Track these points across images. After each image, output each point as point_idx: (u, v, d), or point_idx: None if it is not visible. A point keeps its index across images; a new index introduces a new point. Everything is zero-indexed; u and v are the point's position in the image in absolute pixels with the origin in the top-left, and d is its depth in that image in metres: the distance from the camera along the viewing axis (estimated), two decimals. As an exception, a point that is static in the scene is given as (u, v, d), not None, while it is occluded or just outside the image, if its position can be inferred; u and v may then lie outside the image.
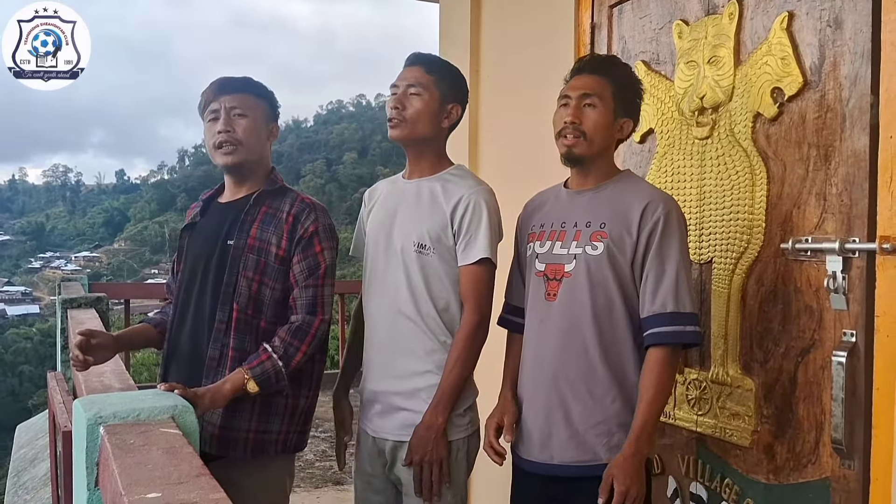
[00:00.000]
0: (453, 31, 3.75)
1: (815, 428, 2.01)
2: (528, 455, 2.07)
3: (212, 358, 2.16)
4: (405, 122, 2.20)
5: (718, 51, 2.29)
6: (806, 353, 2.03)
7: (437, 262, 2.17)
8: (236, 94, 2.23)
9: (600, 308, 1.96)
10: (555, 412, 2.00)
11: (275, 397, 2.17)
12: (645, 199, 1.96)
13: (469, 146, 3.53)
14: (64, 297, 4.64)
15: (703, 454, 2.34)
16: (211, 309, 2.19)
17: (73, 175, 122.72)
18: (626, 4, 2.69)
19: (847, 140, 1.93)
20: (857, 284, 1.90)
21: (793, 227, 2.07)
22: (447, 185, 2.22)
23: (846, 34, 1.94)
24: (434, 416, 2.12)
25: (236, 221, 2.22)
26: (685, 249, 1.97)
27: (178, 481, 1.12)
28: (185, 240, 2.36)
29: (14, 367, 45.18)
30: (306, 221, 2.19)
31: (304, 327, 2.14)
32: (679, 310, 1.90)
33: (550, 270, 2.04)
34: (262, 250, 2.18)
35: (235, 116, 2.21)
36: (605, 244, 1.96)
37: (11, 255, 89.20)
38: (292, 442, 2.25)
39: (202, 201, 2.39)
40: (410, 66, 2.26)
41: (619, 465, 1.86)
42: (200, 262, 2.25)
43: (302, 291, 2.17)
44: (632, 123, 2.06)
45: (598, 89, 2.01)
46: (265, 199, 2.24)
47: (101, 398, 1.52)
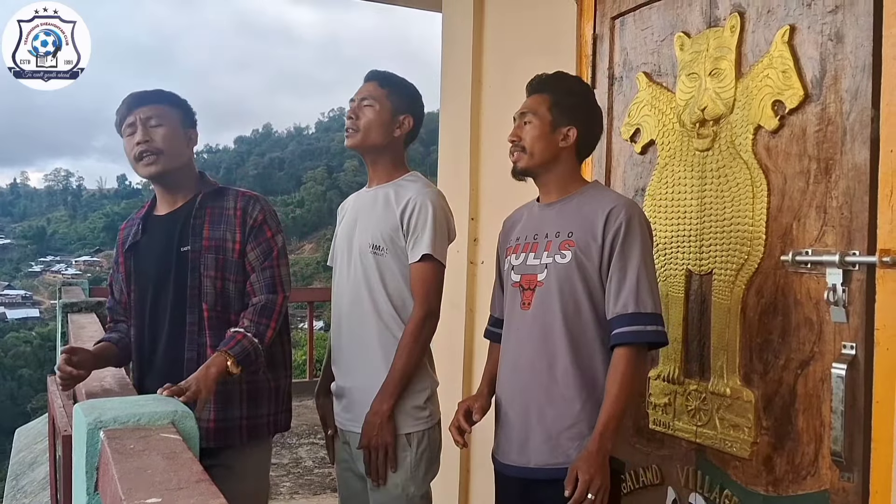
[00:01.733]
0: (456, 41, 3.76)
1: (815, 440, 2.01)
2: (507, 459, 2.13)
3: (189, 360, 2.23)
4: (359, 131, 2.37)
5: (720, 63, 2.30)
6: (806, 365, 2.03)
7: (391, 262, 2.32)
8: (150, 106, 2.30)
9: (570, 314, 2.03)
10: (531, 417, 2.07)
11: (259, 383, 2.29)
12: (608, 206, 2.04)
13: (470, 155, 3.54)
14: (65, 302, 4.65)
15: (703, 465, 2.33)
16: (179, 314, 2.26)
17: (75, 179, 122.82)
18: (629, 16, 2.70)
19: (848, 153, 1.94)
20: (857, 297, 1.90)
21: (793, 239, 2.07)
22: (399, 190, 2.37)
23: (847, 48, 1.95)
24: (380, 403, 2.24)
25: (186, 227, 2.29)
26: (648, 252, 2.02)
27: (177, 487, 1.12)
28: (130, 261, 2.40)
29: (13, 370, 45.12)
30: (254, 212, 2.31)
31: (269, 305, 2.25)
32: (640, 310, 1.96)
33: (525, 281, 2.12)
34: (219, 248, 2.27)
35: (152, 127, 2.27)
36: (573, 252, 2.04)
37: (12, 258, 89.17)
38: (281, 421, 2.40)
39: (139, 219, 2.43)
40: (367, 81, 2.45)
41: (584, 458, 1.92)
42: (156, 276, 2.31)
43: (259, 274, 2.28)
44: (576, 129, 2.12)
45: (535, 106, 2.14)
46: (208, 200, 2.33)
47: (102, 403, 1.52)
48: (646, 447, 2.53)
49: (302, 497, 4.52)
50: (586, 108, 2.19)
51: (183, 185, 2.35)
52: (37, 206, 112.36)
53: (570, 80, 2.24)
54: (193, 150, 2.39)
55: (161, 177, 2.31)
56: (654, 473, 2.49)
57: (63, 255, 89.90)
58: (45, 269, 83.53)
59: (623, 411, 1.96)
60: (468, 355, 3.44)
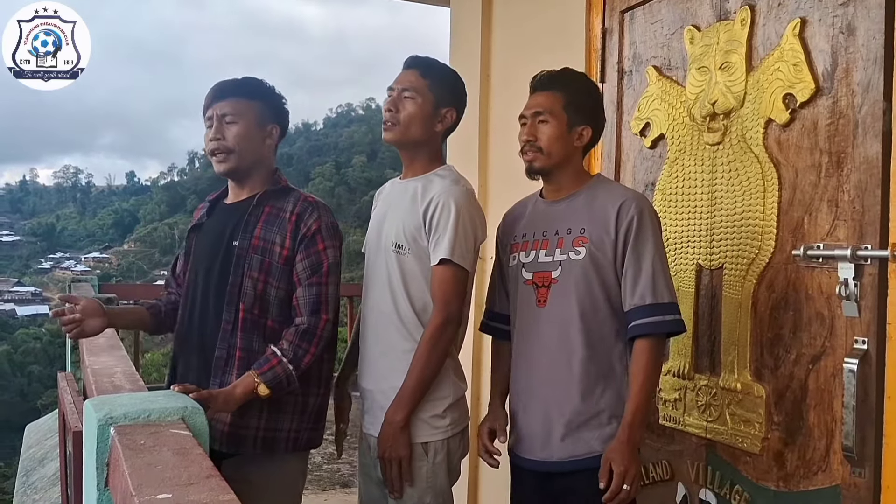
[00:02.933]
0: (464, 36, 3.75)
1: (826, 435, 2.00)
2: (530, 454, 2.13)
3: (219, 358, 2.17)
4: (398, 125, 2.23)
5: (730, 57, 2.28)
6: (817, 360, 2.02)
7: (413, 263, 2.19)
8: (228, 100, 2.25)
9: (586, 309, 2.05)
10: (551, 412, 2.08)
11: (285, 396, 2.17)
12: (619, 200, 2.05)
13: (479, 150, 3.53)
14: (74, 298, 4.65)
15: (713, 461, 2.33)
16: (217, 309, 2.21)
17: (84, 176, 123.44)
18: (638, 10, 2.69)
19: (859, 147, 1.93)
20: (869, 292, 1.89)
21: (804, 233, 2.06)
22: (427, 185, 2.23)
23: (859, 41, 1.94)
24: (393, 414, 2.13)
25: (240, 222, 2.23)
26: (660, 244, 2.05)
27: (188, 482, 1.12)
28: (191, 240, 2.39)
29: (23, 367, 45.37)
30: (309, 220, 2.20)
31: (310, 329, 2.15)
32: (658, 300, 1.99)
33: (538, 278, 2.13)
34: (266, 250, 2.19)
35: (226, 123, 2.23)
36: (587, 248, 2.05)
37: (22, 255, 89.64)
38: (303, 439, 2.25)
39: (209, 202, 2.42)
40: (407, 69, 2.29)
41: (616, 449, 1.95)
42: (205, 263, 2.28)
43: (305, 290, 2.17)
44: (591, 129, 2.13)
45: (549, 105, 2.11)
46: (268, 199, 2.26)
47: (112, 399, 1.53)
48: (656, 443, 2.52)
49: (311, 493, 4.53)
50: (598, 106, 2.21)
51: (253, 179, 2.29)
52: (46, 203, 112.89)
53: (581, 78, 2.24)
54: (273, 145, 2.33)
55: (231, 174, 2.28)
56: (665, 469, 2.49)
57: (72, 251, 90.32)
58: (55, 265, 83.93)
59: (649, 400, 2.01)
60: (477, 351, 3.43)
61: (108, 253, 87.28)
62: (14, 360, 45.78)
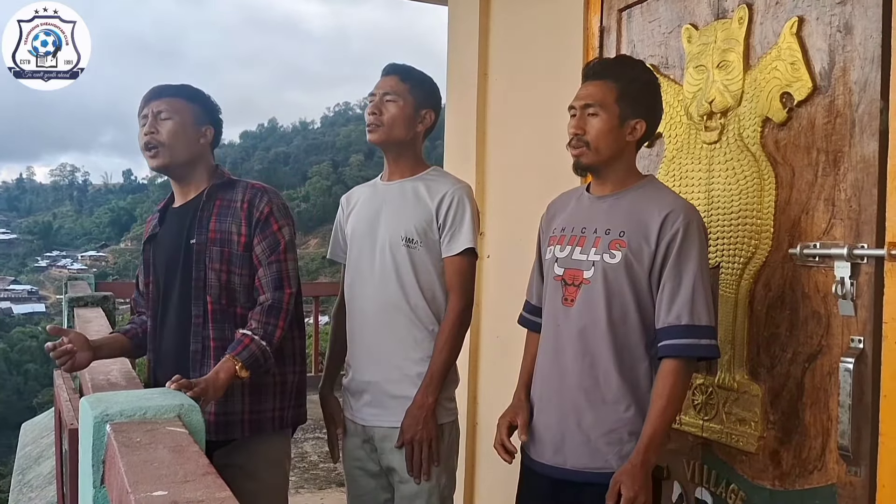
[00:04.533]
0: (462, 35, 3.74)
1: (822, 434, 2.00)
2: (541, 458, 2.08)
3: (194, 351, 2.24)
4: (382, 126, 2.36)
5: (728, 55, 2.28)
6: (813, 359, 2.02)
7: (424, 255, 2.33)
8: (164, 99, 2.32)
9: (615, 316, 1.97)
10: (568, 417, 2.02)
11: (263, 377, 2.25)
12: (665, 209, 1.95)
13: (476, 149, 3.53)
14: (71, 296, 4.66)
15: (709, 460, 2.33)
16: (185, 307, 2.26)
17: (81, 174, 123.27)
18: (636, 8, 2.69)
19: (856, 145, 1.93)
20: (866, 291, 1.89)
21: (801, 232, 2.06)
22: (430, 184, 2.39)
23: (856, 39, 1.94)
24: (425, 397, 2.26)
25: (194, 220, 2.29)
26: (704, 261, 1.96)
27: (184, 479, 1.12)
28: (148, 252, 2.42)
29: (19, 365, 45.30)
30: (260, 204, 2.28)
31: (275, 304, 2.22)
32: (694, 322, 1.89)
33: (569, 275, 2.05)
34: (224, 241, 2.26)
35: (161, 120, 2.29)
36: (624, 253, 1.96)
37: (18, 253, 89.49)
38: (288, 417, 2.36)
39: (158, 212, 2.46)
40: (387, 75, 2.43)
41: (627, 472, 1.86)
42: (168, 269, 2.33)
43: (266, 269, 2.26)
44: (645, 123, 2.03)
45: (600, 97, 2.00)
46: (217, 192, 2.33)
47: (108, 396, 1.53)
48: (652, 441, 2.51)
49: (307, 492, 4.53)
50: (655, 98, 2.09)
51: (193, 178, 2.35)
52: (43, 201, 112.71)
53: (637, 67, 2.12)
54: (208, 145, 2.37)
55: (165, 169, 2.33)
56: (665, 470, 2.48)
57: (69, 249, 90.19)
58: (51, 263, 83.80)
59: (669, 425, 1.93)
60: (474, 349, 3.43)
61: (105, 251, 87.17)
62: (10, 359, 45.72)
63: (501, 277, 2.46)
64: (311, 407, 2.49)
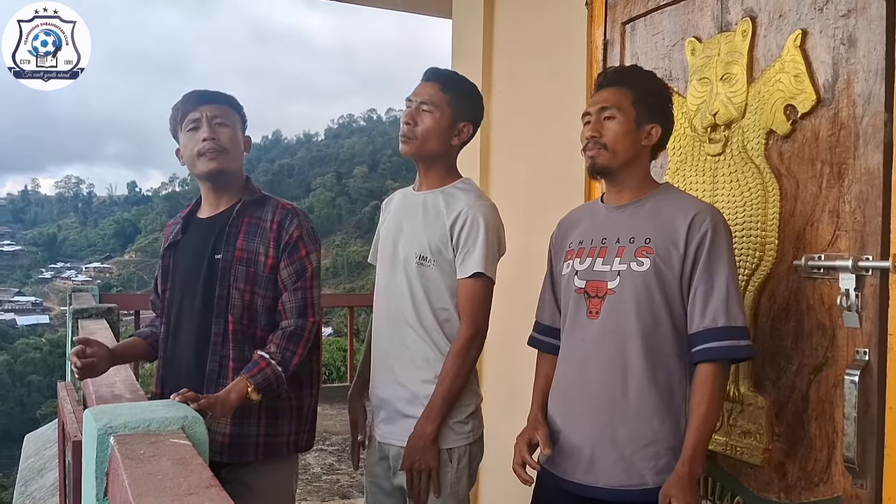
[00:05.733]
0: (466, 48, 3.76)
1: (828, 446, 1.99)
2: (571, 476, 2.01)
3: (211, 371, 2.20)
4: (415, 138, 2.25)
5: (731, 68, 2.29)
6: (818, 371, 2.02)
7: (437, 274, 2.23)
8: (216, 105, 2.28)
9: (647, 326, 1.93)
10: (601, 434, 1.96)
11: (280, 401, 2.22)
12: (691, 212, 1.94)
13: (480, 161, 3.54)
14: (75, 308, 4.66)
15: (714, 472, 2.32)
16: (205, 323, 2.22)
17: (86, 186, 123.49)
18: (639, 21, 2.70)
19: (860, 158, 1.93)
20: (871, 302, 1.89)
21: (806, 244, 2.06)
22: (449, 199, 2.27)
23: (860, 52, 1.94)
24: (423, 426, 2.17)
25: (221, 235, 2.25)
26: (733, 262, 1.94)
27: (187, 492, 1.11)
28: (168, 259, 2.38)
29: (23, 377, 45.30)
30: (290, 227, 2.24)
31: (297, 331, 2.19)
32: (731, 324, 1.87)
33: (591, 288, 2.01)
34: (250, 261, 2.22)
35: (217, 125, 2.25)
36: (652, 259, 1.93)
37: (23, 265, 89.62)
38: (302, 441, 2.33)
39: (181, 219, 2.42)
40: (426, 81, 2.31)
41: (676, 484, 1.82)
42: (189, 279, 2.29)
43: (291, 295, 2.22)
44: (660, 128, 2.03)
45: (616, 100, 2.01)
46: (247, 209, 2.28)
47: (112, 408, 1.52)
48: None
49: (310, 503, 4.52)
50: (667, 104, 2.09)
51: (230, 188, 2.31)
52: (47, 213, 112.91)
53: (649, 75, 2.13)
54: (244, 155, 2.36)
55: (219, 175, 2.27)
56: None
57: (73, 261, 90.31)
58: (56, 275, 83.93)
59: (712, 432, 1.90)
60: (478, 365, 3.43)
61: (109, 263, 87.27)
62: (14, 370, 45.71)
63: (505, 291, 2.45)
64: (328, 420, 2.47)
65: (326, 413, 6.02)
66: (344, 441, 5.33)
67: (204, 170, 2.25)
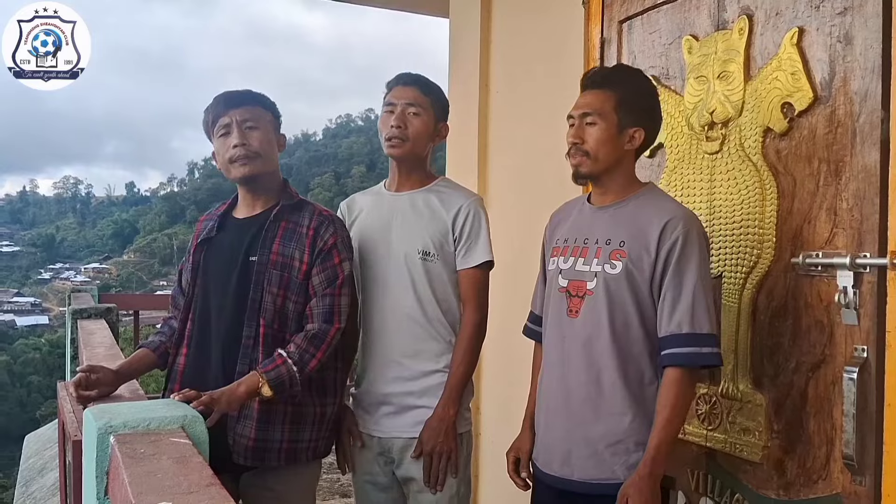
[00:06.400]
0: (463, 46, 3.76)
1: (826, 443, 2.00)
2: (550, 469, 2.09)
3: (240, 373, 2.14)
4: (407, 141, 2.31)
5: (728, 66, 2.29)
6: (817, 368, 2.02)
7: (440, 268, 2.32)
8: (246, 107, 2.24)
9: (618, 327, 1.97)
10: (575, 430, 2.02)
11: (305, 408, 2.21)
12: (665, 217, 1.95)
13: (478, 160, 3.54)
14: (74, 308, 4.65)
15: (713, 469, 2.32)
16: (234, 324, 2.19)
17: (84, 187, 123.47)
18: (636, 20, 2.70)
19: (858, 155, 1.93)
20: (869, 300, 1.89)
21: (803, 241, 2.06)
22: (443, 197, 2.37)
23: (857, 50, 1.94)
24: (446, 409, 2.26)
25: (257, 237, 2.22)
26: (705, 269, 1.95)
27: (188, 491, 1.12)
28: (200, 254, 2.33)
29: (23, 377, 45.30)
30: (325, 234, 2.22)
31: (320, 335, 2.17)
32: (695, 331, 1.89)
33: (573, 287, 2.05)
34: (285, 266, 2.19)
35: (248, 129, 2.22)
36: (624, 263, 1.96)
37: (21, 266, 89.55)
38: (322, 448, 2.32)
39: (217, 216, 2.37)
40: (406, 85, 2.37)
41: (635, 484, 1.86)
42: (220, 279, 2.25)
43: (319, 301, 2.20)
44: (643, 131, 2.03)
45: (598, 105, 2.01)
46: (284, 213, 2.26)
47: (112, 408, 1.53)
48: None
49: (311, 503, 4.52)
50: (653, 106, 2.10)
51: (267, 191, 2.29)
52: (46, 214, 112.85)
53: (635, 76, 2.13)
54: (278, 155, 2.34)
55: (252, 180, 2.25)
56: (665, 478, 2.48)
57: (72, 262, 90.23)
58: (55, 276, 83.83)
59: (675, 435, 1.92)
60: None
61: (108, 263, 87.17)
62: (13, 371, 45.70)
63: (504, 286, 2.46)
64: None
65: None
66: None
67: (237, 176, 2.24)
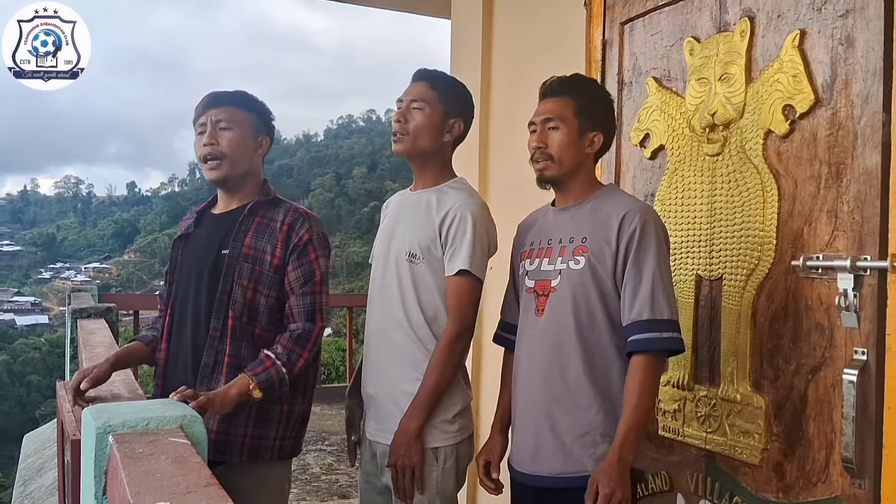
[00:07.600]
0: (465, 47, 3.76)
1: (826, 446, 1.99)
2: (521, 467, 2.11)
3: (206, 365, 2.18)
4: (407, 135, 2.27)
5: (730, 68, 2.29)
6: (817, 370, 2.02)
7: (426, 272, 2.23)
8: (223, 108, 2.27)
9: (583, 321, 2.00)
10: (542, 425, 2.04)
11: (272, 404, 2.20)
12: (623, 210, 2.00)
13: (479, 161, 3.54)
14: (74, 308, 4.66)
15: (713, 472, 2.32)
16: (206, 317, 2.22)
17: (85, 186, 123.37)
18: (638, 21, 2.70)
19: (859, 157, 1.93)
20: (869, 302, 1.89)
21: (804, 244, 2.06)
22: (441, 197, 2.28)
23: (858, 52, 1.94)
24: (408, 422, 2.16)
25: (230, 231, 2.25)
26: (663, 257, 1.99)
27: (186, 490, 1.11)
28: (178, 250, 2.38)
29: (22, 377, 45.30)
30: (300, 230, 2.24)
31: (304, 335, 2.19)
32: (655, 317, 1.93)
33: (539, 287, 2.10)
34: (256, 259, 2.22)
35: (220, 129, 2.25)
36: (587, 258, 2.01)
37: (22, 265, 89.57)
38: (287, 448, 2.29)
39: (196, 213, 2.42)
40: (416, 81, 2.34)
41: (604, 470, 1.88)
42: (194, 272, 2.29)
43: (299, 299, 2.21)
44: (602, 136, 2.10)
45: (559, 111, 2.08)
46: (259, 209, 2.28)
47: (111, 407, 1.52)
48: (655, 453, 2.51)
49: (309, 503, 4.52)
50: (609, 111, 2.17)
51: (241, 189, 2.31)
52: (47, 213, 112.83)
53: (591, 84, 2.21)
54: (262, 156, 2.35)
55: (223, 182, 2.29)
56: (664, 480, 2.48)
57: (72, 261, 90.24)
58: (55, 275, 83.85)
59: (643, 420, 1.93)
60: (476, 360, 3.43)
61: (108, 263, 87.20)
62: (13, 370, 45.71)
63: (504, 287, 2.46)
64: (312, 418, 2.45)
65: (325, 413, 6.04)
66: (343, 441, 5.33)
67: (208, 178, 2.29)
